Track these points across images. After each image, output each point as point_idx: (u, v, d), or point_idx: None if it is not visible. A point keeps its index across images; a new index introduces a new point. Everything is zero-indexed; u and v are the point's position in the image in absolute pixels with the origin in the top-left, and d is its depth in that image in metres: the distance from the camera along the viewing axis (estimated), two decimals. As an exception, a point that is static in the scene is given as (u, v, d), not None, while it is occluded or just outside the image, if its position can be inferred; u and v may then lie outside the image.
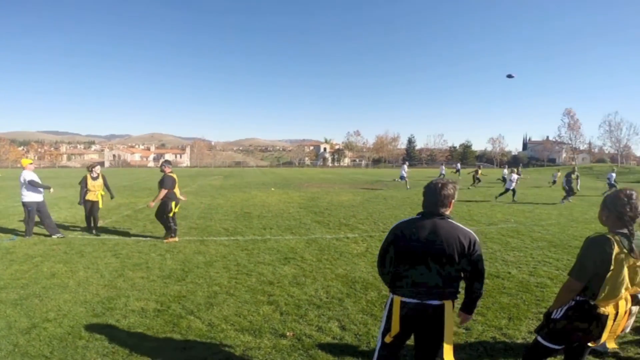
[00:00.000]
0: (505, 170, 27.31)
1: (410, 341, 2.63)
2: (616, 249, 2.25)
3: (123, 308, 4.41)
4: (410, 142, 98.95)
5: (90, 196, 8.61)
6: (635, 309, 3.57)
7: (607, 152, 75.08)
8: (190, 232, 8.80)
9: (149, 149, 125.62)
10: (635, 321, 3.91)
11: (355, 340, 3.71)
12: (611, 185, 20.47)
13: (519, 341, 3.71)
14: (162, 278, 5.46)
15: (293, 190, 19.89)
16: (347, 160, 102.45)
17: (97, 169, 8.98)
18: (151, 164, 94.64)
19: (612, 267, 2.25)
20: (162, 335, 3.79)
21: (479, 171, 24.56)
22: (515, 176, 16.50)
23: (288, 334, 3.79)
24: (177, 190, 8.07)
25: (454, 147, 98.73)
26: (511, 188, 16.24)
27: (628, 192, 2.37)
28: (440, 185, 2.47)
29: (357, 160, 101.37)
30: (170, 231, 7.84)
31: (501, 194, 16.59)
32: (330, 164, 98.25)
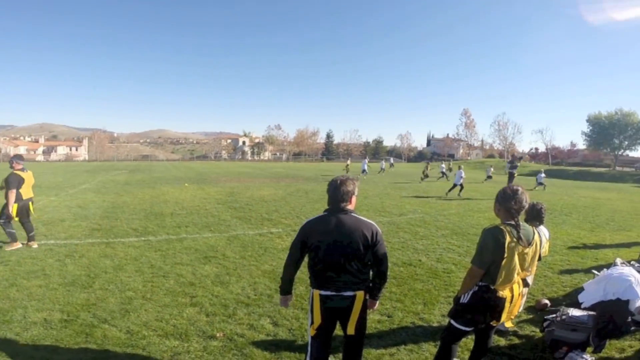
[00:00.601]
0: (443, 165, 29.69)
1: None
2: (508, 239, 2.57)
3: (22, 320, 3.88)
4: (329, 136, 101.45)
5: None
6: (525, 290, 4.16)
7: (496, 148, 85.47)
8: (93, 234, 7.94)
9: (37, 141, 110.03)
10: (526, 301, 4.55)
11: (289, 335, 3.74)
12: (540, 184, 22.77)
13: (434, 324, 4.07)
14: (65, 286, 4.88)
15: (209, 186, 19.07)
16: (267, 154, 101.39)
17: None
18: (40, 157, 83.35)
19: (505, 255, 2.56)
20: (75, 346, 3.43)
21: (428, 167, 26.46)
22: (463, 172, 17.08)
23: (218, 334, 3.68)
24: (25, 191, 6.89)
25: (368, 142, 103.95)
26: (459, 183, 16.75)
27: (514, 188, 2.73)
28: (339, 182, 2.61)
29: (278, 153, 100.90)
30: (11, 237, 6.71)
31: (458, 190, 16.99)
32: (249, 158, 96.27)
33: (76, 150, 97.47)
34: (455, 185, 16.98)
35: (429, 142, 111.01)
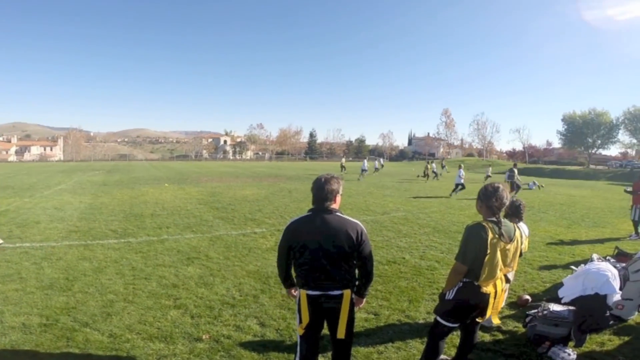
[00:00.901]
0: (434, 165, 30.18)
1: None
2: (490, 235, 2.62)
3: (-1, 325, 3.75)
4: (312, 135, 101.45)
5: None
6: (507, 286, 4.25)
7: (475, 147, 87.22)
8: (70, 235, 7.71)
9: (9, 141, 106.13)
10: (508, 297, 4.64)
11: (277, 335, 3.71)
12: (530, 187, 22.87)
13: (420, 321, 4.10)
14: (42, 289, 4.73)
15: (190, 186, 18.81)
16: (249, 154, 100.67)
17: None
18: (13, 157, 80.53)
19: (488, 251, 2.60)
20: (56, 350, 3.33)
21: (428, 166, 26.72)
22: (462, 172, 17.04)
23: (204, 336, 3.62)
24: None
25: (351, 142, 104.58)
26: (461, 182, 16.64)
27: (495, 185, 2.79)
28: (323, 180, 2.59)
29: (260, 153, 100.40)
30: None
31: (455, 191, 16.94)
32: (231, 157, 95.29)
33: (51, 150, 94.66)
34: (458, 186, 16.77)
35: (410, 141, 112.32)
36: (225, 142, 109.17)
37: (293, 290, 2.80)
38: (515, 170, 18.32)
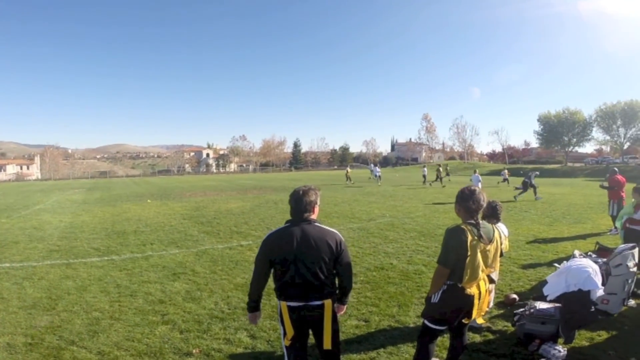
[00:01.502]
0: (425, 169, 30.59)
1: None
2: (470, 237, 2.66)
3: (-18, 346, 3.64)
4: (296, 145, 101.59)
5: None
6: (492, 286, 4.31)
7: (456, 150, 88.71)
8: (52, 255, 7.54)
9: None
10: (495, 297, 4.71)
11: (268, 346, 3.68)
12: (533, 188, 23.04)
13: (411, 325, 4.12)
14: (25, 309, 4.65)
15: (173, 201, 18.53)
16: (233, 166, 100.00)
17: None
18: (-14, 177, 77.93)
19: (469, 253, 2.64)
20: (44, 369, 3.24)
21: (440, 169, 27.03)
22: (479, 176, 17.15)
23: (194, 351, 3.57)
24: None
25: (335, 150, 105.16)
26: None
27: (472, 188, 2.85)
28: (301, 192, 2.62)
29: (244, 165, 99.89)
30: None
31: None
32: (214, 171, 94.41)
33: (27, 168, 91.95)
34: None
35: (393, 147, 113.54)
36: (207, 155, 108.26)
37: (257, 315, 2.78)
38: (537, 173, 19.15)
